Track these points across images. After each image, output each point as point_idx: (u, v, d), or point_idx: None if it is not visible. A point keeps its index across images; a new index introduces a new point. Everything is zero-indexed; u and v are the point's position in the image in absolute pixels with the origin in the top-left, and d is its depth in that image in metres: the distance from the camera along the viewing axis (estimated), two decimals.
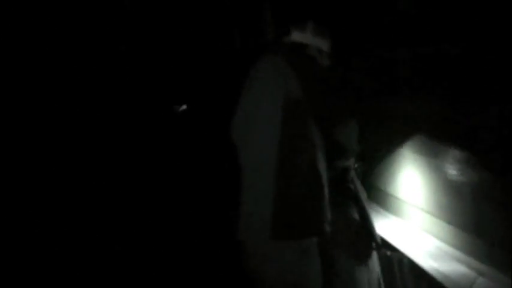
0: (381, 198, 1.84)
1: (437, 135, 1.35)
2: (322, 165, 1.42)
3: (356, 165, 1.74)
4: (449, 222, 1.31)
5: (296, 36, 1.56)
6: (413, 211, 1.54)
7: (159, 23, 3.70)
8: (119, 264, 2.58)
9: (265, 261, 1.42)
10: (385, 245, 1.60)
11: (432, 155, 1.40)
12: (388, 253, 1.69)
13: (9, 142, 2.74)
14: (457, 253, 1.28)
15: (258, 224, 1.40)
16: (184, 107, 3.87)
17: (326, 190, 1.43)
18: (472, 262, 1.21)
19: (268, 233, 1.37)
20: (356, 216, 1.67)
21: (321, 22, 1.63)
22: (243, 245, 1.49)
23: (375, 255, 1.84)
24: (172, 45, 3.75)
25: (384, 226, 1.66)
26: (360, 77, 2.76)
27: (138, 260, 2.66)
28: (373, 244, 1.61)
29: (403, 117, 1.67)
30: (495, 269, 1.13)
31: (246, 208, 1.47)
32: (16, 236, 2.54)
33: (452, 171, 1.29)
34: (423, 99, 1.45)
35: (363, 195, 1.76)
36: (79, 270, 2.50)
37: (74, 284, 2.42)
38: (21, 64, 2.90)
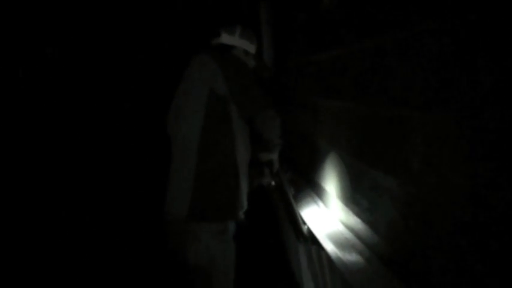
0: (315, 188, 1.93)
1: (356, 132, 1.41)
2: (240, 156, 1.56)
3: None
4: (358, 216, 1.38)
5: (225, 38, 1.71)
6: (334, 202, 1.64)
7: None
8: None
9: (185, 238, 1.53)
10: (310, 237, 1.70)
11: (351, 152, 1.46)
12: (309, 246, 1.81)
13: None
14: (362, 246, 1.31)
15: (179, 205, 1.52)
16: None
17: (243, 179, 1.57)
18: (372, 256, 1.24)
19: (187, 213, 1.49)
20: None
21: (248, 26, 1.79)
22: (167, 224, 1.60)
23: (301, 248, 1.98)
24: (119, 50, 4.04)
25: (314, 215, 1.75)
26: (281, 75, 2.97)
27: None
28: (300, 238, 1.75)
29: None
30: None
31: (171, 190, 1.59)
32: None
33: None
34: (343, 97, 1.52)
35: (289, 189, 1.91)
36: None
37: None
38: None
